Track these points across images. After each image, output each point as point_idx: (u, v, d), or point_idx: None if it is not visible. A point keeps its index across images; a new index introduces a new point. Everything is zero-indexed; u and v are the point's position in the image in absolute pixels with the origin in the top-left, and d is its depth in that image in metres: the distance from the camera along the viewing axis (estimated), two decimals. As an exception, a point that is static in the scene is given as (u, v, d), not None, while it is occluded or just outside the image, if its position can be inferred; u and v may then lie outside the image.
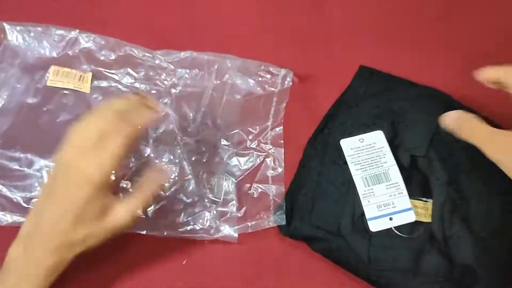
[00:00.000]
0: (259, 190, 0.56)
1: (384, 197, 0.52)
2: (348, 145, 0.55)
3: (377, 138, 0.55)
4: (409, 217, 0.51)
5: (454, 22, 0.65)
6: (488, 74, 0.48)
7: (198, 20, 0.65)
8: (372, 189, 0.52)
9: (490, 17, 0.65)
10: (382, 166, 0.53)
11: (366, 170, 0.53)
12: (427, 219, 0.51)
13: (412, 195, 0.52)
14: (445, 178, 0.51)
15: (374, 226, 0.51)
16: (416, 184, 0.52)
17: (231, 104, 0.59)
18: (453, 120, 0.48)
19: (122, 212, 0.47)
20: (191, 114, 0.59)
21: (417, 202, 0.52)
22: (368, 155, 0.54)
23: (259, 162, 0.58)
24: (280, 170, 0.57)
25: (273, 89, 0.60)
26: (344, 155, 0.54)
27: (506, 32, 0.64)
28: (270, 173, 0.57)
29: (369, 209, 0.51)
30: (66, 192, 0.46)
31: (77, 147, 0.46)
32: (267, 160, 0.58)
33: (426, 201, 0.52)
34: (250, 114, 0.59)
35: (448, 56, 0.63)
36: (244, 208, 0.56)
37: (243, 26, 0.65)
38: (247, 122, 0.59)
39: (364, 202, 0.52)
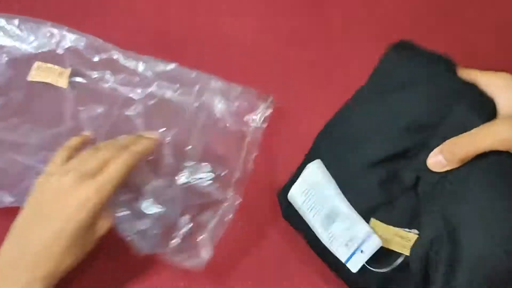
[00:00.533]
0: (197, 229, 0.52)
1: (345, 232, 0.47)
2: (296, 193, 0.50)
3: (316, 171, 0.49)
4: (375, 242, 0.45)
5: (454, 22, 0.66)
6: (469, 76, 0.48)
7: (198, 20, 0.66)
8: (331, 231, 0.48)
9: (490, 17, 0.66)
10: (328, 199, 0.48)
11: (320, 212, 0.48)
12: (407, 251, 0.46)
13: (396, 223, 0.46)
14: (442, 214, 0.44)
15: (354, 265, 0.47)
16: (406, 210, 0.46)
17: (204, 132, 0.57)
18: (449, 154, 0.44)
19: (106, 222, 0.48)
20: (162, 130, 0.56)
21: (402, 232, 0.46)
22: (316, 194, 0.49)
23: (211, 202, 0.53)
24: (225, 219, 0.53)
25: (248, 127, 0.58)
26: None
27: (506, 32, 0.65)
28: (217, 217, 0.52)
29: (341, 252, 0.47)
30: (61, 214, 0.45)
31: (74, 171, 0.47)
32: (223, 205, 0.53)
33: (409, 232, 0.46)
34: (220, 150, 0.57)
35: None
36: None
37: (243, 26, 0.66)
38: (216, 158, 0.56)
39: (333, 249, 0.48)
